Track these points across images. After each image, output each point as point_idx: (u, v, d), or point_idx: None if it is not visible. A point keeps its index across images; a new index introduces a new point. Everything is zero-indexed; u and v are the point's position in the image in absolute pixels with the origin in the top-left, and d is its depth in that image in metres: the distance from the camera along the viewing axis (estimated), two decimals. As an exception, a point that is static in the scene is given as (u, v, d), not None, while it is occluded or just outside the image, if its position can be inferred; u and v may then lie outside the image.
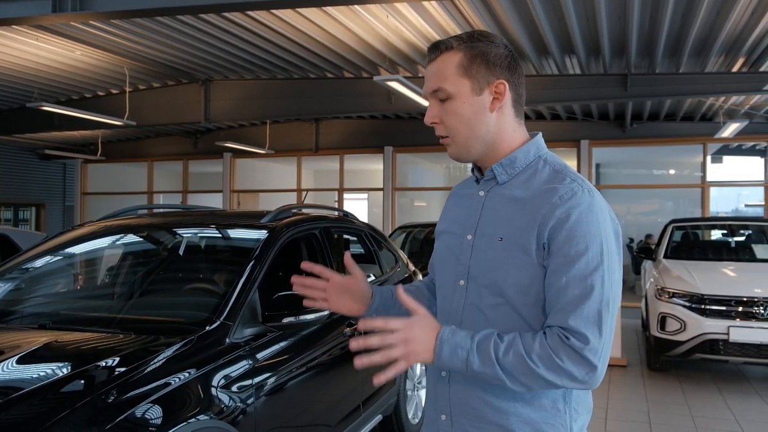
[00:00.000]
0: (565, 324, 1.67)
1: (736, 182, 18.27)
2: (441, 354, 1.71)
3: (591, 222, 1.73)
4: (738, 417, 6.42)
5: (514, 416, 1.80)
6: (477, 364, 1.69)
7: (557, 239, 1.72)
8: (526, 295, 1.77)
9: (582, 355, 1.65)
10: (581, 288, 1.68)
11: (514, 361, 1.66)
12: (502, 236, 1.80)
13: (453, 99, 1.84)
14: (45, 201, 20.24)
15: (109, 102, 13.54)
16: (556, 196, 1.75)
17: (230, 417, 2.97)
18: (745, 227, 10.54)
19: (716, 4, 7.99)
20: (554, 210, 1.73)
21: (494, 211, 1.87)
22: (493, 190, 1.91)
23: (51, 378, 2.68)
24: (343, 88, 12.32)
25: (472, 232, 1.90)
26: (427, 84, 1.88)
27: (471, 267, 1.87)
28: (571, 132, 15.17)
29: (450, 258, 1.95)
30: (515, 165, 1.89)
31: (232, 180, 18.29)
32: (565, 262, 1.70)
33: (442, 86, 1.84)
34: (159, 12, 7.13)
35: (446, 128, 1.87)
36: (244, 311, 3.42)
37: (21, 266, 4.39)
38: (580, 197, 1.75)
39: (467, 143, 1.89)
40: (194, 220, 4.78)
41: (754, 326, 7.15)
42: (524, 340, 1.68)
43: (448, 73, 1.84)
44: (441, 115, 1.87)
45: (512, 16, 8.34)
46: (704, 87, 10.59)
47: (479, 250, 1.86)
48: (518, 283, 1.77)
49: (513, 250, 1.77)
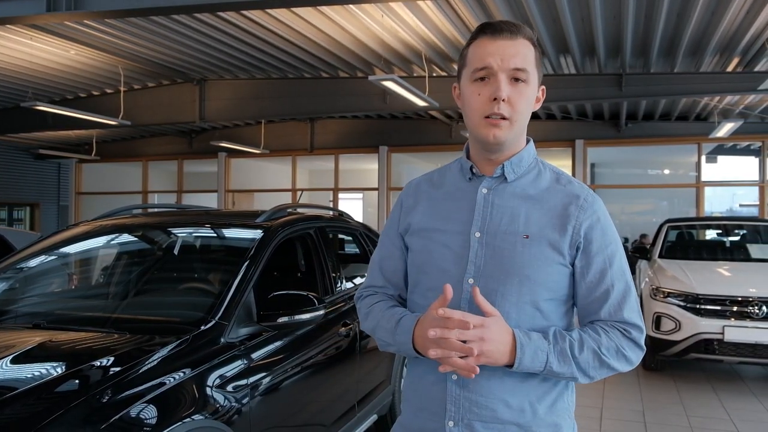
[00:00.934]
0: (622, 318, 1.83)
1: (731, 182, 18.28)
2: (523, 358, 1.73)
3: (611, 223, 1.91)
4: (733, 416, 6.43)
5: (530, 413, 1.83)
6: (556, 364, 1.76)
7: (594, 239, 1.84)
8: (550, 291, 1.83)
9: (638, 344, 1.86)
10: (624, 283, 1.86)
11: (587, 356, 1.78)
12: (527, 234, 1.82)
13: (527, 84, 1.84)
14: (39, 201, 20.21)
15: (104, 102, 13.53)
16: (581, 198, 1.87)
17: (225, 417, 2.97)
18: (739, 227, 10.56)
19: (711, 4, 8.00)
20: (585, 211, 1.85)
21: (509, 208, 1.87)
22: (500, 188, 1.91)
23: (45, 378, 2.67)
24: (338, 87, 12.31)
25: (479, 230, 1.87)
26: (510, 60, 1.81)
27: (486, 265, 1.84)
28: (566, 132, 15.20)
29: (448, 257, 1.89)
30: (522, 164, 1.93)
31: (227, 180, 18.28)
32: (606, 261, 1.84)
33: (526, 68, 1.83)
34: (153, 11, 7.12)
35: (512, 109, 1.82)
36: (239, 311, 3.41)
37: (15, 266, 4.38)
38: (599, 200, 1.90)
39: (521, 129, 1.89)
40: (189, 220, 4.77)
41: (749, 326, 7.15)
42: (590, 336, 1.81)
43: (530, 59, 1.85)
44: (511, 94, 1.82)
45: (507, 16, 8.34)
46: (699, 87, 10.61)
47: (498, 248, 1.84)
48: (549, 279, 1.82)
49: (542, 247, 1.82)
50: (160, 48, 10.68)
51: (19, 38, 9.88)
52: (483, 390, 1.82)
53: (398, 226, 2.07)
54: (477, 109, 1.85)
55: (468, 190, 1.95)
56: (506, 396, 1.81)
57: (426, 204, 2.02)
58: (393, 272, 2.08)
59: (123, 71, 12.01)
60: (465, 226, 1.89)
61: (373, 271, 2.15)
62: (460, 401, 1.84)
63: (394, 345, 1.92)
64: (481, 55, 1.84)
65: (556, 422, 1.87)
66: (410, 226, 2.01)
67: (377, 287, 2.11)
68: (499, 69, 1.81)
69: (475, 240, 1.86)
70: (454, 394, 1.84)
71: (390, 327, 1.92)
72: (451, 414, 1.85)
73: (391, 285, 2.09)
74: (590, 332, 1.81)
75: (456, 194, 1.97)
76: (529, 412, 1.82)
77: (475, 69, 1.85)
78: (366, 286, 2.15)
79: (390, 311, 1.97)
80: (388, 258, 2.10)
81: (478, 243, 1.86)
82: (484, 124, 1.84)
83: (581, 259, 1.84)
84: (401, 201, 2.11)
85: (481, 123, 1.85)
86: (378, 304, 2.03)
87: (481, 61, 1.83)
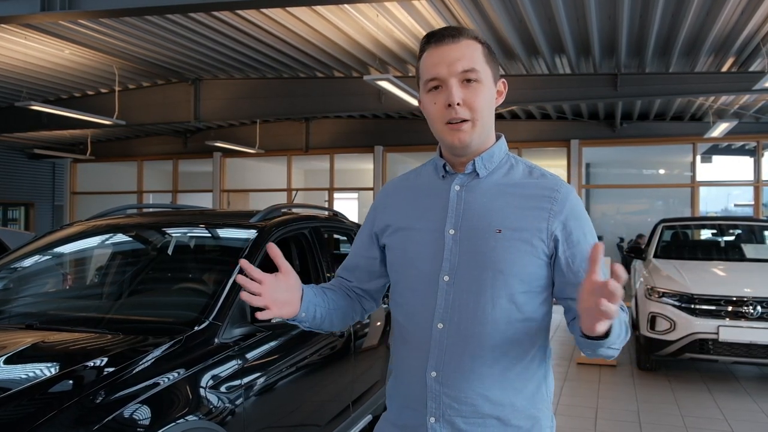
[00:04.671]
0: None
1: (726, 182, 18.32)
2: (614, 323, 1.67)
3: (585, 212, 1.95)
4: (727, 416, 6.44)
5: (509, 407, 1.86)
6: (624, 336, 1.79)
7: (574, 229, 1.87)
8: (525, 283, 1.85)
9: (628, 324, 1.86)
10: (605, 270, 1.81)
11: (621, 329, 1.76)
12: (500, 228, 1.84)
13: (480, 83, 1.86)
14: (34, 200, 20.17)
15: (99, 101, 13.50)
16: (555, 190, 1.90)
17: (219, 417, 2.96)
18: (734, 227, 10.58)
19: (706, 4, 8.02)
20: (559, 203, 1.88)
21: (481, 204, 1.90)
22: (472, 184, 1.93)
23: (38, 378, 2.66)
24: (334, 87, 12.31)
25: (453, 227, 1.89)
26: (456, 64, 1.85)
27: (460, 262, 1.86)
28: (561, 132, 15.21)
29: (423, 255, 1.92)
30: (493, 160, 1.96)
31: (222, 179, 18.26)
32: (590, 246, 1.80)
33: (475, 67, 1.86)
34: (148, 11, 7.10)
35: (471, 110, 1.85)
36: (233, 311, 3.40)
37: (9, 266, 4.37)
38: (572, 191, 1.94)
39: (485, 129, 1.91)
40: (183, 220, 4.76)
41: (744, 326, 7.16)
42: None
43: (477, 58, 1.88)
44: (465, 96, 1.85)
45: (502, 15, 8.35)
46: (694, 87, 10.63)
47: (471, 244, 1.86)
48: (522, 272, 1.84)
49: (515, 241, 1.84)
50: (154, 47, 10.66)
51: (14, 38, 9.85)
52: (462, 386, 1.85)
53: (373, 227, 2.12)
54: (437, 118, 1.89)
55: (442, 188, 1.97)
56: (486, 391, 1.84)
57: (401, 204, 2.05)
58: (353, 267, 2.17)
59: (118, 71, 11.98)
60: (439, 223, 1.92)
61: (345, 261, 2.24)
62: (440, 398, 1.86)
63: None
64: (429, 65, 1.89)
65: (535, 415, 1.90)
66: (386, 227, 2.05)
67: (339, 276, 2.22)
68: (449, 75, 1.85)
69: (450, 237, 1.89)
70: (434, 391, 1.87)
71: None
72: (432, 410, 1.88)
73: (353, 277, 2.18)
74: None
75: (430, 193, 2.00)
76: (508, 405, 1.86)
77: (426, 80, 1.90)
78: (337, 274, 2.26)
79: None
80: (354, 254, 2.18)
81: (452, 240, 1.88)
82: (447, 130, 1.88)
83: (565, 249, 1.86)
84: (377, 202, 2.16)
85: (444, 129, 1.89)
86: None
87: (430, 72, 1.88)
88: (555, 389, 7.33)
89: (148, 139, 18.69)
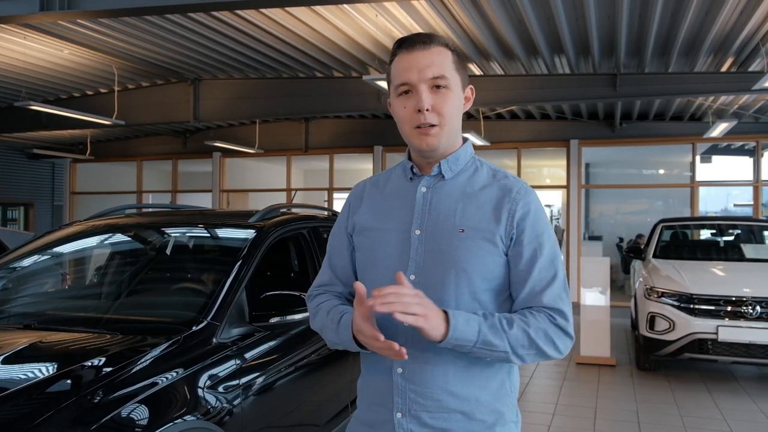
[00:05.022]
0: (548, 304, 1.90)
1: (725, 182, 18.33)
2: (456, 325, 1.77)
3: (543, 214, 2.00)
4: (727, 416, 6.44)
5: (474, 401, 1.91)
6: (490, 334, 1.81)
7: (526, 230, 1.93)
8: (487, 281, 1.92)
9: (566, 331, 1.90)
10: (551, 271, 1.93)
11: (517, 333, 1.83)
12: (462, 228, 1.91)
13: (449, 89, 1.93)
14: (34, 200, 20.15)
15: (98, 101, 13.48)
16: (514, 191, 1.96)
17: (217, 417, 2.96)
18: (734, 227, 10.58)
19: (705, 4, 8.01)
20: (517, 203, 1.94)
21: (445, 205, 1.97)
22: (438, 186, 2.01)
23: (36, 378, 2.66)
24: (333, 87, 12.29)
25: (420, 228, 1.96)
26: (426, 70, 1.91)
27: (426, 261, 1.92)
28: (560, 132, 15.20)
29: (391, 255, 1.98)
30: (458, 163, 2.03)
31: (221, 179, 18.25)
32: (536, 250, 1.93)
33: (444, 74, 1.92)
34: (147, 11, 7.09)
35: (440, 116, 1.92)
36: (232, 311, 3.41)
37: (8, 266, 4.37)
38: (532, 192, 2.00)
39: (452, 133, 1.98)
40: (182, 220, 4.76)
41: (743, 326, 7.17)
42: (518, 317, 1.87)
43: (447, 66, 1.94)
44: (434, 102, 1.92)
45: (501, 15, 8.34)
46: (693, 87, 10.61)
47: (436, 244, 1.92)
48: (484, 270, 1.90)
49: (477, 240, 1.90)
50: (154, 47, 10.65)
51: (13, 38, 9.84)
52: (427, 381, 1.90)
53: (346, 225, 2.15)
54: (406, 121, 1.96)
55: (409, 189, 2.04)
56: (450, 386, 1.89)
57: (371, 204, 2.11)
58: (341, 269, 2.15)
59: (117, 71, 11.97)
60: (406, 224, 1.98)
61: (323, 268, 2.23)
62: (406, 393, 1.91)
63: (341, 343, 1.99)
64: (400, 70, 1.95)
65: (499, 409, 1.95)
66: (356, 226, 2.10)
67: (326, 285, 2.18)
68: (419, 81, 1.91)
69: (415, 237, 1.95)
70: (399, 387, 1.92)
71: (334, 326, 1.99)
72: (398, 406, 1.93)
73: (340, 282, 2.16)
74: (518, 315, 1.88)
75: (398, 194, 2.06)
76: (473, 399, 1.91)
77: (397, 85, 1.96)
78: (316, 285, 2.22)
79: (334, 310, 2.03)
80: (337, 256, 2.17)
81: (418, 240, 1.95)
82: (415, 134, 1.95)
83: (513, 249, 1.93)
84: (349, 201, 2.20)
85: (413, 133, 1.96)
86: (324, 304, 2.10)
87: (400, 77, 1.95)
88: (554, 389, 7.36)
89: (148, 139, 18.67)
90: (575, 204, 15.17)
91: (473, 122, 14.49)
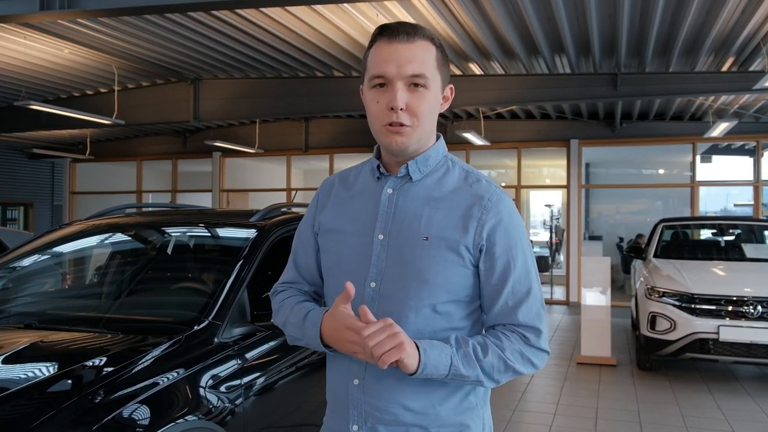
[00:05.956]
0: (519, 321, 1.81)
1: (726, 182, 18.32)
2: (427, 362, 1.69)
3: (517, 223, 1.86)
4: (728, 416, 6.43)
5: (433, 416, 1.82)
6: (462, 367, 1.72)
7: (497, 241, 1.81)
8: (450, 293, 1.80)
9: (540, 347, 1.83)
10: (525, 286, 1.83)
11: (492, 360, 1.75)
12: (427, 236, 1.80)
13: (427, 89, 1.81)
14: (33, 200, 20.14)
15: (98, 101, 13.47)
16: (485, 198, 1.82)
17: (219, 417, 2.95)
18: (734, 226, 10.58)
19: (706, 3, 8.00)
20: (488, 212, 1.81)
21: (411, 210, 1.85)
22: (405, 188, 1.89)
23: (37, 378, 2.65)
24: (333, 87, 12.28)
25: (383, 232, 1.85)
26: (405, 66, 1.78)
27: (387, 268, 1.82)
28: (560, 131, 15.19)
29: (352, 259, 1.88)
30: (428, 163, 1.90)
31: (221, 179, 18.24)
32: (509, 263, 1.81)
33: (425, 73, 1.80)
34: (148, 10, 7.08)
35: (413, 116, 1.80)
36: (233, 311, 3.39)
37: (8, 265, 4.36)
38: (505, 200, 1.85)
39: (425, 135, 1.86)
40: (183, 219, 4.75)
41: (744, 325, 7.17)
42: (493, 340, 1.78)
43: (429, 63, 1.82)
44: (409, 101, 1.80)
45: (502, 14, 8.33)
46: (694, 86, 10.61)
47: (399, 251, 1.82)
48: (447, 282, 1.79)
49: (441, 250, 1.78)
50: (154, 47, 10.64)
51: (13, 37, 9.83)
52: (383, 395, 1.82)
53: (313, 224, 2.05)
54: (377, 117, 1.84)
55: (375, 190, 1.93)
56: (406, 400, 1.81)
57: (336, 203, 2.00)
58: (306, 268, 2.07)
59: (117, 70, 11.96)
60: (369, 228, 1.87)
61: (288, 266, 2.13)
62: (362, 406, 1.84)
63: (303, 339, 1.91)
64: (378, 60, 1.81)
65: (464, 422, 1.86)
66: (321, 226, 2.00)
67: (290, 283, 2.10)
68: (396, 77, 1.78)
69: (378, 242, 1.84)
70: (355, 399, 1.85)
71: (298, 321, 1.91)
72: (354, 418, 1.86)
73: (305, 281, 2.08)
74: (491, 338, 1.80)
75: (364, 194, 1.95)
76: (431, 414, 1.82)
77: (372, 76, 1.83)
78: (281, 282, 2.14)
79: (299, 306, 1.96)
80: (302, 254, 2.08)
81: (380, 245, 1.84)
82: (385, 131, 1.83)
83: (484, 261, 1.81)
84: (317, 198, 2.09)
85: (382, 131, 1.83)
86: (289, 299, 2.02)
87: (377, 68, 1.81)
88: (555, 389, 7.35)
89: (148, 138, 18.66)
90: (575, 204, 15.16)
91: (473, 122, 14.50)
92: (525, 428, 6.16)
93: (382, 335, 1.63)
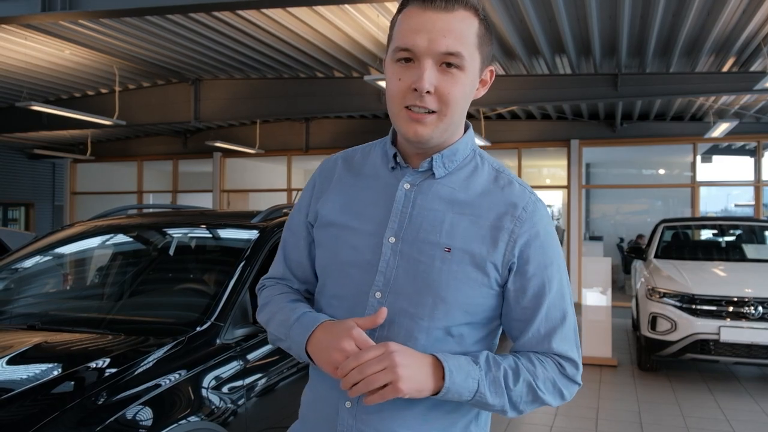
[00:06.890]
0: (558, 351, 1.58)
1: (726, 182, 18.31)
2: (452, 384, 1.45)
3: (554, 237, 1.62)
4: (729, 417, 6.44)
5: None
6: (488, 395, 1.49)
7: (531, 259, 1.56)
8: (468, 315, 1.56)
9: (575, 380, 1.61)
10: (561, 311, 1.59)
11: (522, 389, 1.52)
12: (449, 247, 1.53)
13: (463, 72, 1.51)
14: (34, 201, 20.17)
15: (99, 101, 13.49)
16: (519, 207, 1.56)
17: (221, 418, 2.95)
18: (735, 227, 10.58)
19: (707, 4, 8.00)
20: (522, 224, 1.55)
21: (432, 212, 1.57)
22: (425, 184, 1.60)
23: (40, 379, 2.65)
24: (334, 87, 12.29)
25: (396, 235, 1.57)
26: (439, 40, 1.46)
27: (397, 278, 1.55)
28: (561, 132, 15.19)
29: (355, 262, 1.60)
30: (455, 158, 1.62)
31: (222, 180, 18.24)
32: (544, 284, 1.57)
33: (461, 51, 1.48)
34: (148, 11, 7.09)
35: (442, 103, 1.50)
36: (235, 312, 3.40)
37: (10, 266, 4.36)
38: (541, 209, 1.60)
39: (452, 126, 1.58)
40: (184, 220, 4.75)
41: (745, 326, 7.17)
42: (525, 366, 1.55)
43: (469, 40, 1.50)
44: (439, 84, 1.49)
45: (503, 15, 8.33)
46: (694, 87, 10.61)
47: (414, 260, 1.54)
48: (468, 302, 1.54)
49: (465, 265, 1.53)
50: (155, 48, 10.65)
51: (14, 38, 9.84)
52: (380, 424, 1.56)
53: (307, 212, 1.76)
54: (396, 97, 1.53)
55: (388, 181, 1.63)
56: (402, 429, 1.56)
57: (339, 191, 1.70)
58: (297, 264, 1.80)
59: (118, 71, 11.97)
60: (379, 226, 1.59)
61: (277, 260, 1.86)
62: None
63: (286, 341, 1.64)
64: (405, 30, 1.50)
65: None
66: (318, 217, 1.70)
67: (278, 279, 1.84)
68: (425, 52, 1.47)
69: (388, 246, 1.56)
70: (346, 425, 1.59)
71: (286, 320, 1.64)
72: None
73: (295, 278, 1.80)
74: (524, 362, 1.55)
75: (375, 184, 1.65)
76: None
77: (397, 47, 1.52)
78: (268, 276, 1.88)
79: (292, 304, 1.69)
80: (292, 248, 1.81)
81: (391, 250, 1.56)
82: (404, 116, 1.53)
83: (514, 281, 1.56)
84: (314, 182, 1.78)
85: (401, 114, 1.53)
86: (280, 296, 1.76)
87: (404, 39, 1.50)
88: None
89: (148, 139, 18.67)
90: (576, 204, 15.16)
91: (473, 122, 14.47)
92: (525, 428, 6.16)
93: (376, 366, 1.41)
